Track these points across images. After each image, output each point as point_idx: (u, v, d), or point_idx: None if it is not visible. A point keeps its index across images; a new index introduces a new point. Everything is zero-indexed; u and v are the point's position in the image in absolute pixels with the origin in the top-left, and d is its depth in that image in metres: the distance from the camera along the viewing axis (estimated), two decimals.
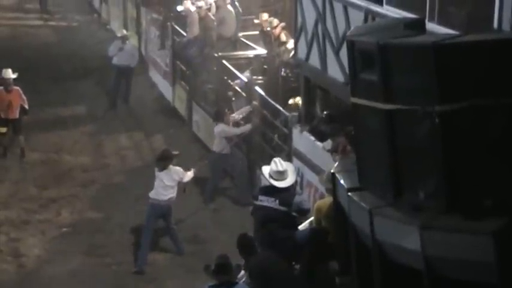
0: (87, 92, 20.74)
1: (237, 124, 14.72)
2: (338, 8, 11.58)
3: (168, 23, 19.94)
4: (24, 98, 16.43)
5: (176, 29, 19.35)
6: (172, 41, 19.45)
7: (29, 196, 14.78)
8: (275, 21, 16.70)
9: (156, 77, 21.23)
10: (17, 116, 16.37)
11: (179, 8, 19.29)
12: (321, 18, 12.13)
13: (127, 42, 19.98)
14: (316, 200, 11.27)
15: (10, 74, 16.35)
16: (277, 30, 16.45)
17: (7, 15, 30.50)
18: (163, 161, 12.51)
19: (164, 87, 20.29)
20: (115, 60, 19.61)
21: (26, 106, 16.47)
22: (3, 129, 16.30)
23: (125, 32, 20.92)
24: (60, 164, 16.38)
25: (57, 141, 17.49)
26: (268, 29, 16.81)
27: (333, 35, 11.78)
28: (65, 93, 20.68)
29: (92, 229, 13.59)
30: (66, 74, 22.32)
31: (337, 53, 11.66)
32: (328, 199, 9.46)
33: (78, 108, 19.65)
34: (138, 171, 15.75)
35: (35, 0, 31.13)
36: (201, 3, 18.75)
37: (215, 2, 18.90)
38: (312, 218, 10.13)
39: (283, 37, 16.15)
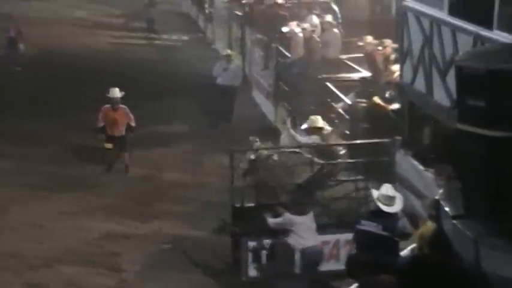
0: (189, 110, 20.98)
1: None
2: (446, 32, 11.47)
3: (273, 44, 20.04)
4: (131, 116, 16.74)
5: (280, 50, 19.43)
6: (276, 61, 19.54)
7: (131, 211, 14.95)
8: (387, 41, 16.59)
9: (258, 97, 21.34)
10: (123, 133, 16.72)
11: (284, 29, 19.39)
12: (427, 42, 12.04)
13: (231, 62, 20.14)
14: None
15: (117, 93, 16.71)
16: (388, 50, 16.34)
17: (115, 33, 31.18)
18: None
19: (267, 107, 20.37)
20: (219, 80, 19.78)
21: (133, 124, 16.78)
22: (109, 145, 16.65)
23: (229, 51, 21.11)
24: (161, 180, 16.56)
25: (158, 158, 17.69)
26: (380, 48, 16.66)
27: (439, 59, 11.67)
28: (167, 111, 20.93)
29: (191, 246, 13.61)
30: (169, 92, 22.57)
31: (443, 77, 11.54)
32: (431, 226, 9.36)
33: (180, 127, 19.86)
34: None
35: (142, 19, 31.72)
36: (306, 25, 18.83)
37: (321, 24, 18.94)
38: (413, 245, 10.04)
39: (392, 57, 16.05)
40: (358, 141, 14.01)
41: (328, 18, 18.86)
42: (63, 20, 33.13)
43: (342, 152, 14.15)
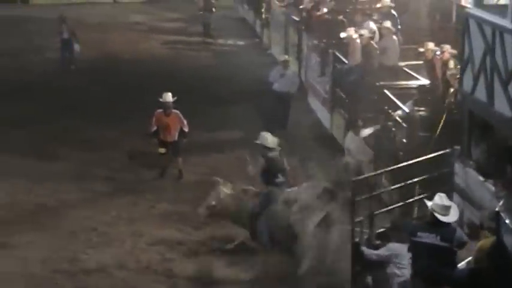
0: (244, 116, 21.01)
1: None
2: (509, 40, 11.31)
3: (330, 50, 19.98)
4: (184, 121, 16.75)
5: (337, 56, 19.35)
6: (332, 67, 19.48)
7: (185, 217, 14.97)
8: (446, 47, 16.41)
9: (314, 103, 21.28)
10: (175, 138, 16.77)
11: (342, 34, 19.29)
12: (489, 50, 11.86)
13: (288, 68, 20.11)
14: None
15: (169, 97, 16.70)
16: (446, 55, 16.16)
17: (170, 38, 31.39)
18: None
19: (322, 114, 20.30)
20: (275, 86, 19.81)
21: (186, 129, 16.80)
22: (163, 150, 16.71)
23: (286, 57, 21.10)
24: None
25: (212, 164, 17.71)
26: (438, 53, 16.48)
27: (501, 68, 11.50)
28: (222, 116, 21.00)
29: (246, 254, 13.58)
30: (224, 97, 22.64)
31: (505, 86, 11.37)
32: (490, 238, 9.22)
33: (235, 132, 19.85)
34: None
35: (199, 24, 31.88)
36: (364, 31, 18.71)
37: (379, 30, 18.82)
38: (470, 258, 9.90)
39: (451, 64, 15.86)
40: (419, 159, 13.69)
41: (387, 24, 18.72)
42: (120, 25, 33.45)
43: None
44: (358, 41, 18.71)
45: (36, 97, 22.75)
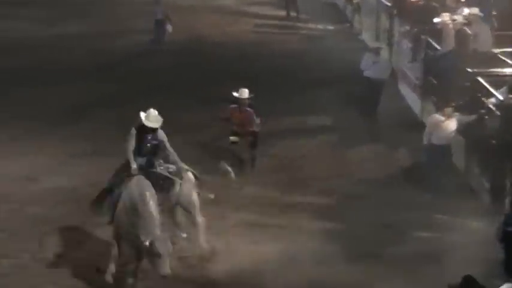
0: (332, 101, 20.98)
1: None
2: None
3: (422, 36, 19.85)
4: (257, 121, 16.34)
5: (430, 42, 19.20)
6: (424, 54, 19.35)
7: (272, 200, 15.12)
8: None
9: (405, 89, 21.17)
10: (248, 135, 16.44)
11: (436, 20, 19.14)
12: None
13: (380, 54, 20.07)
14: None
15: (246, 94, 16.32)
16: None
17: (258, 21, 31.50)
18: None
19: (413, 100, 20.22)
20: (367, 73, 19.72)
21: (257, 130, 16.34)
22: (235, 139, 16.36)
23: (378, 44, 21.03)
24: (301, 171, 16.67)
25: (300, 148, 17.80)
26: None
27: None
28: (310, 101, 20.98)
29: (328, 238, 13.65)
30: (313, 82, 22.57)
31: None
32: None
33: (322, 118, 19.88)
34: (379, 183, 15.85)
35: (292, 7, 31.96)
36: (457, 17, 18.55)
37: (466, 17, 18.63)
38: None
39: None
40: None
41: (474, 10, 18.53)
42: (208, 8, 33.67)
43: None
44: (451, 26, 18.55)
45: (124, 78, 23.17)
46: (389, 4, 24.24)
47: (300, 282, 12.27)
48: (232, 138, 16.26)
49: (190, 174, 13.23)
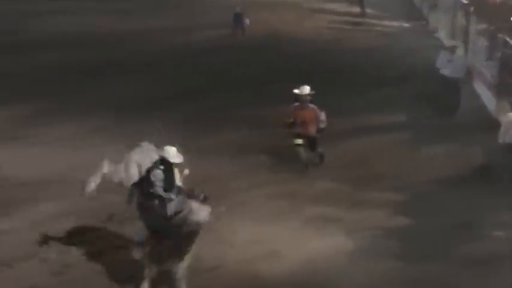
0: (407, 98, 20.93)
1: None
2: None
3: (499, 34, 19.76)
4: (322, 117, 15.99)
5: (507, 41, 19.09)
6: (501, 52, 19.27)
7: (344, 195, 15.18)
8: None
9: (480, 88, 21.09)
10: (312, 133, 16.18)
11: None
12: None
13: (456, 53, 19.99)
14: None
15: (306, 90, 15.96)
16: None
17: (335, 18, 31.50)
18: None
19: (488, 99, 20.14)
20: (443, 71, 19.61)
21: (322, 126, 16.03)
22: (299, 141, 16.05)
23: (454, 42, 20.92)
24: (373, 167, 16.67)
25: (373, 144, 17.82)
26: None
27: None
28: (384, 98, 20.95)
29: (400, 235, 13.67)
30: (387, 79, 22.55)
31: None
32: None
33: (396, 115, 19.82)
34: (451, 182, 15.75)
35: (367, 5, 32.00)
36: None
37: None
38: None
39: None
40: None
41: None
42: (285, 5, 33.74)
43: None
44: None
45: (200, 71, 23.47)
46: (466, 2, 24.10)
47: (371, 276, 12.33)
48: (297, 140, 15.99)
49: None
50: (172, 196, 11.72)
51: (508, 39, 19.17)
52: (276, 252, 13.04)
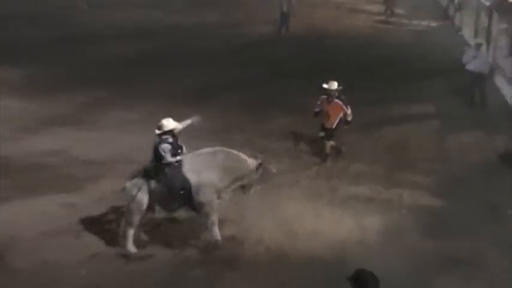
0: (436, 91, 20.54)
1: None
2: None
3: None
4: (348, 110, 15.26)
5: None
6: None
7: (378, 177, 14.83)
8: None
9: (500, 82, 20.59)
10: (333, 126, 15.47)
11: None
12: None
13: (480, 50, 19.44)
14: None
15: (334, 86, 15.24)
16: None
17: (370, 17, 31.26)
18: None
19: (508, 92, 19.62)
20: (469, 66, 19.17)
21: (349, 118, 15.32)
22: (322, 134, 15.59)
23: (480, 40, 20.49)
24: (406, 152, 16.28)
25: (405, 132, 17.41)
26: None
27: None
28: (415, 90, 20.62)
29: (431, 214, 13.30)
30: (419, 73, 22.21)
31: None
32: None
33: (426, 105, 19.43)
34: (478, 167, 15.43)
35: (398, 6, 31.62)
36: None
37: None
38: None
39: None
40: None
41: None
42: (327, 4, 33.64)
43: None
44: None
45: (248, 64, 23.17)
46: (488, 3, 23.62)
47: (402, 253, 11.89)
48: (321, 134, 15.56)
49: None
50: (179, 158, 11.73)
51: None
52: (314, 230, 12.71)
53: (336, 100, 15.23)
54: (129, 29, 27.66)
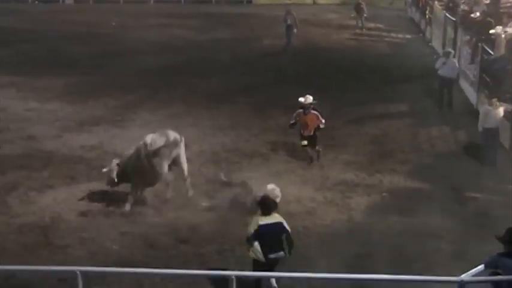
0: (410, 93, 20.33)
1: None
2: None
3: (479, 44, 19.01)
4: (322, 120, 14.54)
5: (485, 49, 18.34)
6: (480, 57, 18.49)
7: (362, 166, 14.68)
8: None
9: (464, 84, 20.35)
10: (311, 133, 14.65)
11: (491, 31, 18.30)
12: None
13: (450, 58, 19.11)
14: None
15: (309, 100, 14.47)
16: None
17: (355, 32, 31.07)
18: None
19: (470, 93, 19.37)
20: (440, 72, 18.74)
21: (322, 126, 14.61)
22: (305, 142, 14.83)
23: (450, 49, 20.16)
24: (385, 145, 16.06)
25: (385, 128, 17.22)
26: None
27: None
28: (393, 92, 20.40)
29: (408, 195, 13.20)
30: (396, 78, 21.98)
31: None
32: None
33: (402, 105, 19.22)
34: (445, 156, 15.29)
35: (376, 22, 31.37)
36: (509, 29, 17.72)
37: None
38: None
39: None
40: None
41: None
42: (318, 21, 33.44)
43: None
44: (503, 36, 17.68)
45: (256, 72, 22.93)
46: (454, 19, 23.39)
47: (385, 229, 11.82)
48: (303, 142, 14.75)
49: None
50: None
51: (486, 47, 18.35)
52: (309, 210, 12.61)
53: (312, 111, 14.50)
54: (155, 44, 27.50)
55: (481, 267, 7.92)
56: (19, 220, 11.94)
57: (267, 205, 9.39)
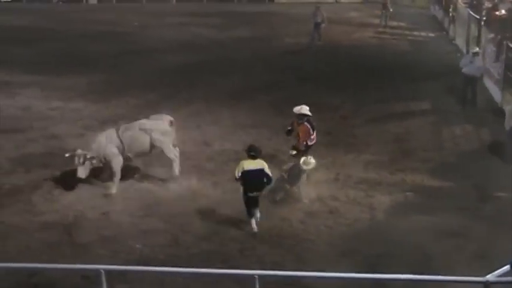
0: (433, 91, 20.18)
1: None
2: None
3: (504, 41, 18.86)
4: (312, 136, 13.57)
5: (510, 46, 18.18)
6: (506, 55, 18.33)
7: (383, 164, 14.59)
8: None
9: (488, 83, 20.18)
10: (302, 148, 13.63)
11: None
12: None
13: (476, 57, 18.98)
14: None
15: (304, 110, 13.42)
16: None
17: (376, 29, 30.88)
18: None
19: (495, 92, 19.23)
20: (465, 70, 18.66)
21: (310, 143, 13.57)
22: (293, 152, 13.79)
23: (477, 49, 20.02)
24: (407, 143, 15.98)
25: (407, 126, 17.06)
26: None
27: None
28: (415, 91, 20.28)
29: (430, 195, 13.03)
30: (418, 76, 21.86)
31: None
32: None
33: (424, 103, 19.10)
34: (468, 155, 15.18)
35: (397, 20, 31.22)
36: None
37: None
38: None
39: None
40: None
41: None
42: (339, 19, 33.37)
43: None
44: None
45: (276, 70, 22.90)
46: (478, 16, 23.21)
47: (407, 227, 11.73)
48: (291, 151, 13.79)
49: None
50: None
51: (510, 45, 18.22)
52: (331, 209, 12.57)
53: (305, 123, 13.44)
54: (176, 43, 27.63)
55: (507, 267, 7.83)
56: (43, 218, 12.07)
57: (253, 150, 11.53)
